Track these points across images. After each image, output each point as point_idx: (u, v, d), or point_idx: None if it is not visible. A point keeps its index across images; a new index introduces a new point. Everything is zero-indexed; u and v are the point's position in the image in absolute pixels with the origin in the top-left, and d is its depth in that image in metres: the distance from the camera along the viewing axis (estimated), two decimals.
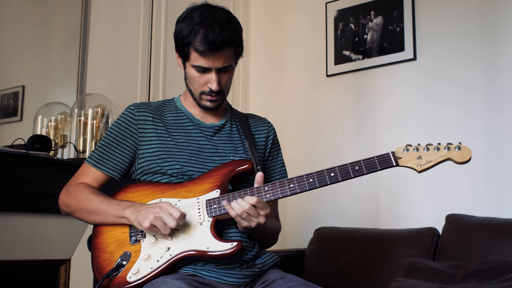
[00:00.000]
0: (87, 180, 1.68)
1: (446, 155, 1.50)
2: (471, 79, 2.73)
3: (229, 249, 1.49)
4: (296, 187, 1.54)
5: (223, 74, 1.63)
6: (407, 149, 1.53)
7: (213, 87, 1.61)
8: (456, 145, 1.50)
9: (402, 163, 1.52)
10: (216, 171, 1.60)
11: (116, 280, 1.51)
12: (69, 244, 2.49)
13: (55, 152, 2.51)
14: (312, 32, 3.35)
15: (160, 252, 1.52)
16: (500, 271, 2.00)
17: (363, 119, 3.06)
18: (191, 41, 1.57)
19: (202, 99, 1.66)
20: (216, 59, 1.58)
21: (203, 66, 1.59)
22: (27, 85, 2.67)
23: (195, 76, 1.63)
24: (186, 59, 1.63)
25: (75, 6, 2.79)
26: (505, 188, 2.58)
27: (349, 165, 1.52)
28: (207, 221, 1.54)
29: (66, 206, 1.67)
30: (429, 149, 1.51)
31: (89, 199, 1.61)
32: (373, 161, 1.52)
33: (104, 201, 1.60)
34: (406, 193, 2.84)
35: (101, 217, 1.59)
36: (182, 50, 1.61)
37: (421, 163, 1.51)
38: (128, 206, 1.56)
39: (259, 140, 1.79)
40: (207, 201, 1.56)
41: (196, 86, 1.65)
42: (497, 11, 2.71)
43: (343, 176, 1.52)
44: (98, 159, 1.68)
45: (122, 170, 1.68)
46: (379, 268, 2.45)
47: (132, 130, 1.67)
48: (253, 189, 1.55)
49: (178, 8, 1.74)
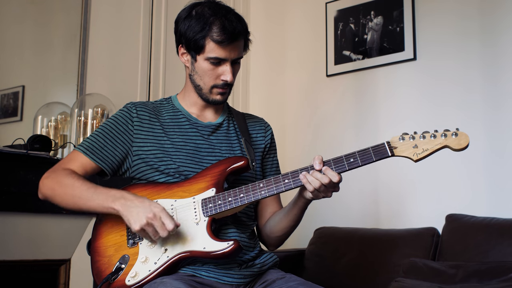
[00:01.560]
0: (75, 166, 1.62)
1: (443, 143, 1.45)
2: (471, 79, 2.73)
3: (225, 249, 1.48)
4: (291, 183, 1.53)
5: (235, 66, 1.65)
6: (402, 138, 1.48)
7: (228, 78, 1.61)
8: (453, 131, 1.45)
9: (397, 153, 1.47)
10: (211, 169, 1.60)
11: (115, 284, 1.51)
12: (69, 244, 2.49)
13: (55, 152, 2.51)
14: (312, 32, 3.35)
15: (157, 254, 1.52)
16: (500, 271, 2.00)
17: (363, 119, 3.06)
18: (207, 32, 1.58)
19: (213, 93, 1.66)
20: (232, 50, 1.60)
21: (220, 57, 1.60)
22: (27, 85, 2.67)
23: (208, 70, 1.62)
24: (199, 53, 1.61)
25: (75, 6, 2.79)
26: (505, 188, 2.58)
27: (344, 157, 1.50)
28: (203, 221, 1.53)
29: (49, 189, 1.59)
30: (425, 137, 1.47)
31: (75, 184, 1.55)
32: (368, 152, 1.48)
33: (92, 188, 1.54)
34: (406, 193, 2.84)
35: (88, 204, 1.53)
36: (196, 43, 1.60)
37: (417, 152, 1.46)
38: (118, 198, 1.49)
39: (256, 139, 1.78)
40: (202, 201, 1.55)
41: (207, 79, 1.64)
42: (497, 11, 2.71)
43: (338, 169, 1.50)
44: (89, 147, 1.63)
45: (111, 163, 1.64)
46: (379, 268, 2.45)
47: (128, 127, 1.66)
48: (248, 186, 1.54)
49: (178, 8, 1.74)
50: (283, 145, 3.22)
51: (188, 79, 1.72)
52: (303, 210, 1.64)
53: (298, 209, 1.64)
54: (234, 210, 1.55)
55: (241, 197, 1.54)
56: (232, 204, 1.53)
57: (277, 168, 1.84)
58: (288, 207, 1.67)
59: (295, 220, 1.67)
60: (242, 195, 1.54)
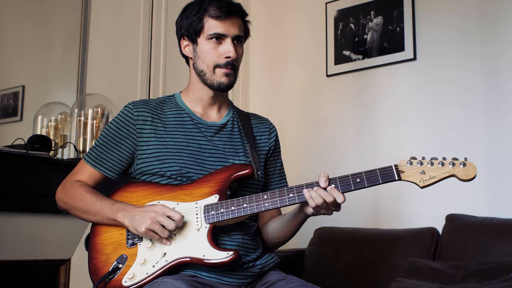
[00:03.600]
0: (83, 177, 1.68)
1: (451, 171, 1.47)
2: (471, 79, 2.73)
3: (224, 258, 1.48)
4: (296, 197, 1.52)
5: (237, 48, 1.66)
6: (410, 163, 1.49)
7: (231, 54, 1.62)
8: (461, 161, 1.47)
9: (404, 177, 1.48)
10: (216, 175, 1.59)
11: (111, 283, 1.51)
12: (69, 244, 2.49)
13: (55, 152, 2.51)
14: (312, 32, 3.35)
15: (156, 257, 1.52)
16: (500, 271, 2.00)
17: (363, 119, 3.06)
18: (205, 11, 1.63)
19: (217, 74, 1.65)
20: (232, 25, 1.63)
21: (219, 32, 1.62)
22: (27, 85, 2.67)
23: (210, 49, 1.63)
24: (199, 34, 1.64)
25: (75, 6, 2.79)
26: (505, 188, 2.58)
27: (351, 176, 1.50)
28: (204, 228, 1.53)
29: (63, 203, 1.68)
30: (434, 164, 1.48)
31: (83, 198, 1.61)
32: (375, 174, 1.48)
33: (98, 201, 1.59)
34: (406, 193, 2.84)
35: (96, 217, 1.60)
36: (195, 25, 1.63)
37: (424, 179, 1.47)
38: (121, 210, 1.55)
39: (260, 142, 1.77)
40: (205, 207, 1.54)
41: (209, 59, 1.64)
42: (497, 11, 2.71)
43: (343, 188, 1.49)
44: (96, 158, 1.67)
45: (119, 170, 1.68)
46: (379, 268, 2.45)
47: (130, 130, 1.65)
48: (252, 197, 1.54)
49: (178, 8, 1.75)
50: (283, 145, 3.20)
51: (192, 73, 1.72)
52: (301, 223, 1.66)
53: (297, 222, 1.65)
54: (236, 219, 1.55)
55: (244, 207, 1.53)
56: (234, 213, 1.53)
57: (281, 170, 1.83)
58: (286, 219, 1.67)
59: (292, 231, 1.69)
60: (245, 205, 1.53)
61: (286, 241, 1.74)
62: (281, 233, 1.70)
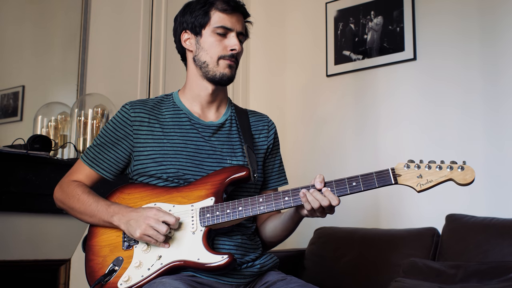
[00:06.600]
0: (81, 177, 1.68)
1: (448, 175, 1.44)
2: (471, 79, 2.73)
3: (219, 262, 1.47)
4: (291, 201, 1.51)
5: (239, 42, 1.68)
6: (408, 166, 1.46)
7: (237, 47, 1.64)
8: (459, 165, 1.44)
9: (401, 181, 1.46)
10: (212, 177, 1.58)
11: (107, 286, 1.51)
12: (69, 244, 2.49)
13: (55, 152, 2.51)
14: (312, 32, 3.35)
15: (151, 260, 1.52)
16: (500, 271, 2.00)
17: (363, 119, 3.06)
18: (211, 5, 1.65)
19: (220, 65, 1.65)
20: (237, 21, 1.66)
21: (226, 26, 1.64)
22: (27, 85, 2.67)
23: (215, 41, 1.64)
24: (205, 26, 1.65)
25: (75, 6, 2.79)
26: (505, 188, 2.58)
27: (347, 180, 1.49)
28: (199, 231, 1.52)
29: (61, 202, 1.69)
30: (431, 168, 1.45)
31: (80, 199, 1.62)
32: (371, 177, 1.46)
33: (94, 203, 1.60)
34: (406, 193, 2.83)
35: (92, 219, 1.61)
36: (202, 18, 1.65)
37: (421, 183, 1.45)
38: (116, 213, 1.55)
39: (258, 140, 1.76)
40: (201, 209, 1.54)
41: (214, 51, 1.64)
42: (497, 11, 2.71)
43: (339, 192, 1.48)
44: (93, 158, 1.67)
45: (115, 171, 1.68)
46: (379, 268, 2.45)
47: (127, 131, 1.65)
48: (247, 200, 1.53)
49: (178, 8, 1.76)
50: (283, 145, 3.20)
51: (190, 67, 1.71)
52: (298, 223, 1.67)
53: (293, 223, 1.66)
54: (231, 222, 1.55)
55: (239, 210, 1.53)
56: (230, 216, 1.52)
57: (280, 167, 1.82)
58: (283, 218, 1.68)
59: (289, 230, 1.70)
60: (241, 208, 1.53)
61: (283, 239, 1.75)
62: (279, 232, 1.71)
